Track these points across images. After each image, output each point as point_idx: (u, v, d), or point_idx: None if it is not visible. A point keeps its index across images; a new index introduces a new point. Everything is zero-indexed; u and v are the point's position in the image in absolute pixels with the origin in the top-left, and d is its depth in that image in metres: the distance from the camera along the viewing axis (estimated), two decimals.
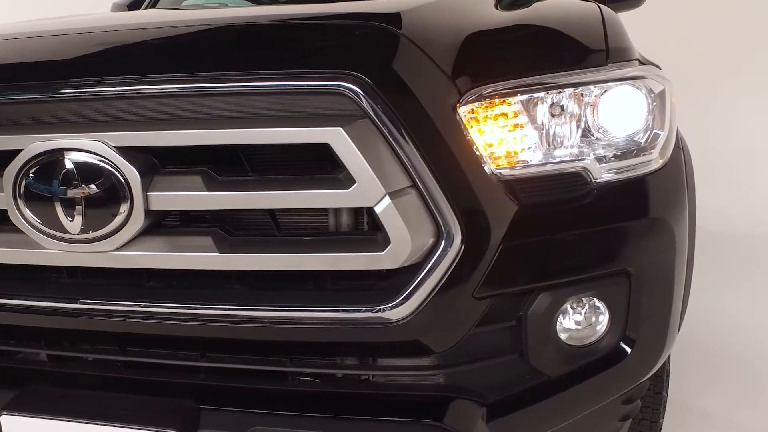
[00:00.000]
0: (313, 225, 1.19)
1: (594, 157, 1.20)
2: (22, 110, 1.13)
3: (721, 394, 2.41)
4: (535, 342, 1.19)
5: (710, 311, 3.13)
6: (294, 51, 1.09)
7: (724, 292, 3.38)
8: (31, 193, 1.09)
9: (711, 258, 3.96)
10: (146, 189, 1.07)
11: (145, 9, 2.74)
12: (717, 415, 2.30)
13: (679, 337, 2.79)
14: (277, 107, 1.06)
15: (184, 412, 1.15)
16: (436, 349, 1.15)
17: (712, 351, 2.75)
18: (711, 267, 3.79)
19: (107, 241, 1.10)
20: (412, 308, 1.08)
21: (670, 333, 1.34)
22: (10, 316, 1.21)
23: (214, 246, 1.09)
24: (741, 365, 2.62)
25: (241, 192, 1.07)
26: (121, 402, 1.17)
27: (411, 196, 1.05)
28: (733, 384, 2.49)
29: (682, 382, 2.45)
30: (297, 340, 1.16)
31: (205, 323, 1.14)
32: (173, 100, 1.08)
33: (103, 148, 1.06)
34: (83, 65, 1.11)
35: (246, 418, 1.14)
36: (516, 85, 1.14)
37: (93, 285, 1.20)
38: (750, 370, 2.58)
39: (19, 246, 1.15)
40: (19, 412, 1.17)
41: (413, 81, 1.06)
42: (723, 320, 3.05)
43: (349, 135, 1.00)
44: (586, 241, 1.20)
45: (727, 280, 3.58)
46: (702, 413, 2.31)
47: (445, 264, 1.07)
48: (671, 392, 2.37)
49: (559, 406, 1.24)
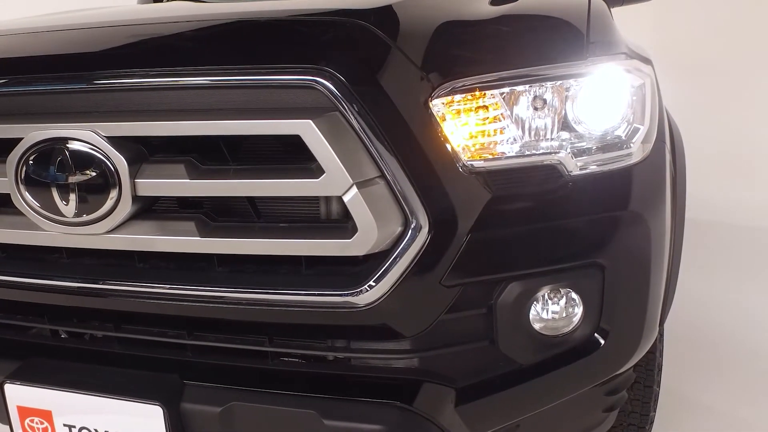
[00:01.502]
0: (305, 212, 1.24)
1: (569, 151, 1.22)
2: (23, 101, 1.21)
3: (726, 389, 2.40)
4: (506, 330, 1.22)
5: (723, 304, 3.11)
6: (269, 47, 1.14)
7: (744, 287, 3.33)
8: (30, 179, 1.18)
9: (734, 252, 3.92)
10: (134, 176, 1.14)
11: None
12: (721, 410, 2.29)
13: (687, 331, 2.79)
14: (254, 100, 1.11)
15: (168, 386, 1.22)
16: (406, 334, 1.19)
17: (722, 345, 2.74)
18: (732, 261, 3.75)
19: (99, 224, 1.18)
20: (380, 294, 1.12)
21: (648, 327, 1.35)
22: (14, 293, 1.31)
23: (196, 231, 1.16)
24: (750, 360, 2.60)
25: (219, 180, 1.13)
26: (112, 375, 1.26)
27: (379, 186, 1.09)
28: (740, 379, 2.47)
29: (695, 378, 2.45)
30: (274, 322, 1.21)
31: (189, 303, 1.21)
32: (158, 92, 1.14)
33: (95, 138, 1.13)
34: (75, 60, 1.19)
35: (225, 394, 1.20)
36: (488, 80, 1.16)
37: (89, 265, 1.28)
38: (760, 366, 2.56)
39: (21, 227, 1.24)
40: (20, 382, 1.26)
41: (383, 75, 1.10)
42: (738, 314, 3.02)
43: (318, 127, 1.05)
44: (558, 234, 1.22)
45: (744, 274, 3.52)
46: (706, 408, 2.30)
47: (412, 252, 1.11)
48: (675, 386, 2.38)
49: (530, 393, 1.28)
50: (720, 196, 4.55)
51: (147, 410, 1.18)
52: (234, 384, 1.22)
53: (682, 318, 2.82)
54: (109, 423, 1.22)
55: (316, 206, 1.22)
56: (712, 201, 4.38)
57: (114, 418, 1.21)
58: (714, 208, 4.39)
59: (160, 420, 1.18)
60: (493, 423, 1.28)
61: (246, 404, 1.19)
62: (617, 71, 1.26)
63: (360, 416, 1.15)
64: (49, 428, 1.26)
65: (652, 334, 1.39)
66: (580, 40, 1.28)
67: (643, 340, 1.35)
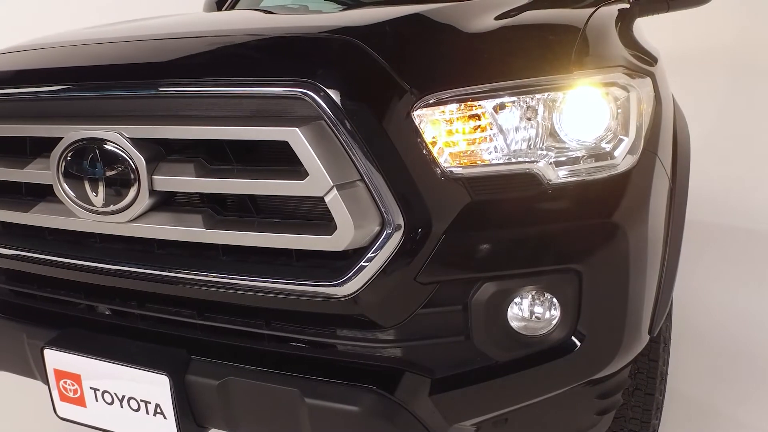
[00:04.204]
0: (303, 210, 1.35)
1: (550, 161, 1.29)
2: (63, 105, 1.40)
3: (733, 393, 2.38)
4: (480, 327, 1.30)
5: (728, 306, 3.06)
6: (266, 61, 1.28)
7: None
8: (68, 172, 1.36)
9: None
10: (151, 173, 1.30)
11: (225, 9, 3.06)
12: (726, 413, 2.27)
13: (700, 336, 2.76)
14: (252, 109, 1.25)
15: (176, 360, 1.38)
16: (384, 325, 1.30)
17: (729, 348, 2.71)
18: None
19: (122, 214, 1.34)
20: (357, 286, 1.23)
21: (629, 334, 1.38)
22: (55, 270, 1.51)
23: (202, 223, 1.31)
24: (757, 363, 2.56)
25: (220, 179, 1.27)
26: (131, 347, 1.43)
27: (358, 189, 1.20)
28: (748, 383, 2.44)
29: (719, 387, 2.43)
30: (268, 307, 1.35)
31: (198, 287, 1.37)
32: (173, 100, 1.30)
33: (120, 138, 1.30)
34: (103, 71, 1.37)
35: (223, 369, 1.35)
36: (466, 93, 1.25)
37: (117, 250, 1.45)
38: None
39: (60, 214, 1.43)
40: (57, 348, 1.46)
41: (365, 87, 1.21)
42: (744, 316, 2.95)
43: (303, 134, 1.17)
44: (533, 239, 1.29)
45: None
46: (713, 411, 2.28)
47: (388, 250, 1.22)
48: (682, 390, 2.37)
49: (504, 389, 1.35)
50: None
51: (156, 379, 1.35)
52: (232, 361, 1.36)
53: (689, 319, 2.79)
54: (126, 388, 1.39)
55: (312, 204, 1.33)
56: None
57: (130, 384, 1.38)
58: None
59: (167, 388, 1.34)
60: (468, 414, 1.36)
61: (240, 379, 1.33)
62: (600, 84, 1.31)
63: (338, 397, 1.27)
64: (78, 390, 1.45)
65: (636, 341, 1.42)
66: (567, 53, 1.33)
67: (623, 346, 1.39)
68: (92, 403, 1.44)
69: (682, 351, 2.66)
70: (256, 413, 1.35)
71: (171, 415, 1.36)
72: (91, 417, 1.46)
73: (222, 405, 1.35)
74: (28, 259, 1.53)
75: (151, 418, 1.38)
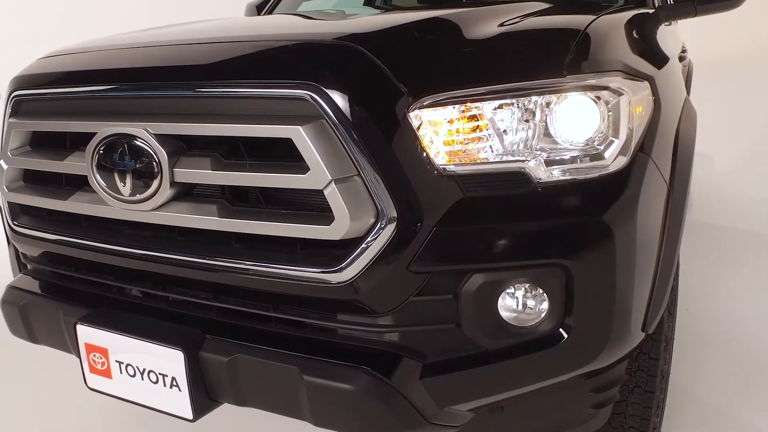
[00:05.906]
0: (312, 202, 1.44)
1: (541, 160, 1.36)
2: (98, 104, 1.56)
3: (753, 400, 2.37)
4: (470, 316, 1.38)
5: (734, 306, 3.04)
6: (274, 66, 1.39)
7: None
8: (100, 165, 1.51)
9: None
10: (172, 166, 1.44)
11: (265, 13, 3.22)
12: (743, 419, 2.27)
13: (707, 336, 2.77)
14: (262, 108, 1.37)
15: (191, 337, 1.51)
16: (378, 311, 1.39)
17: (734, 345, 2.69)
18: None
19: (147, 203, 1.48)
20: (352, 274, 1.33)
21: (617, 330, 1.43)
22: (89, 254, 1.66)
23: (216, 212, 1.43)
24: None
25: (233, 172, 1.39)
26: (152, 324, 1.57)
27: (355, 183, 1.30)
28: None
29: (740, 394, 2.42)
30: (275, 291, 1.46)
31: (213, 272, 1.49)
32: (192, 100, 1.43)
33: (145, 134, 1.44)
34: (131, 73, 1.52)
35: (233, 347, 1.47)
36: (460, 95, 1.33)
37: (144, 236, 1.59)
38: None
39: (93, 202, 1.58)
40: (88, 324, 1.61)
41: (364, 89, 1.31)
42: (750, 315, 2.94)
43: (305, 132, 1.28)
44: (521, 234, 1.36)
45: None
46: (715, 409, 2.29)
47: (381, 240, 1.31)
48: (687, 388, 2.37)
49: (491, 376, 1.42)
50: None
51: (172, 354, 1.48)
52: (241, 340, 1.48)
53: (694, 317, 2.78)
54: (146, 362, 1.53)
55: (314, 197, 1.40)
56: None
57: (150, 358, 1.52)
58: None
59: (182, 363, 1.47)
60: (459, 398, 1.44)
61: (247, 357, 1.44)
62: (591, 88, 1.37)
63: (334, 376, 1.36)
64: (105, 363, 1.60)
65: (626, 337, 1.47)
66: (561, 58, 1.40)
67: (612, 340, 1.44)
68: (117, 375, 1.58)
69: (705, 355, 2.66)
70: (261, 389, 1.46)
71: (185, 387, 1.48)
72: (116, 388, 1.61)
73: (231, 380, 1.47)
74: (67, 243, 1.69)
75: (168, 390, 1.51)
